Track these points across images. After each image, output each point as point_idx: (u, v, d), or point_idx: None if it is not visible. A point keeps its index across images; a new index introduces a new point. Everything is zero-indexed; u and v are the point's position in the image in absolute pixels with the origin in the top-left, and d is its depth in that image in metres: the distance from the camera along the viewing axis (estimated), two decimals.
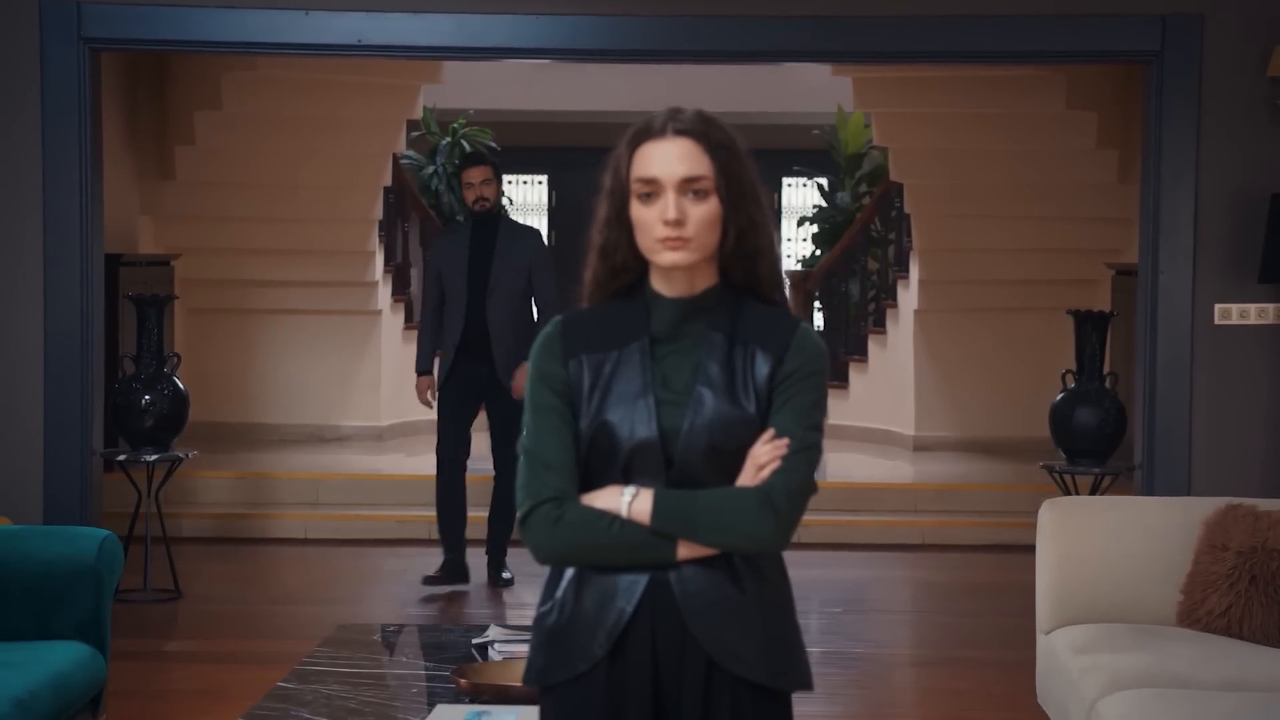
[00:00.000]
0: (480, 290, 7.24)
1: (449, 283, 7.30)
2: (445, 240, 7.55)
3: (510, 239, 7.28)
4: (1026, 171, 10.40)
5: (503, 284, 7.22)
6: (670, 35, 6.36)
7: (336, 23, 6.28)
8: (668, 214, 2.44)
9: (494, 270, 7.21)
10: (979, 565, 8.34)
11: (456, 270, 7.28)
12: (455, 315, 7.29)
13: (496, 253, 7.22)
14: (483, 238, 7.27)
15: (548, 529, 2.44)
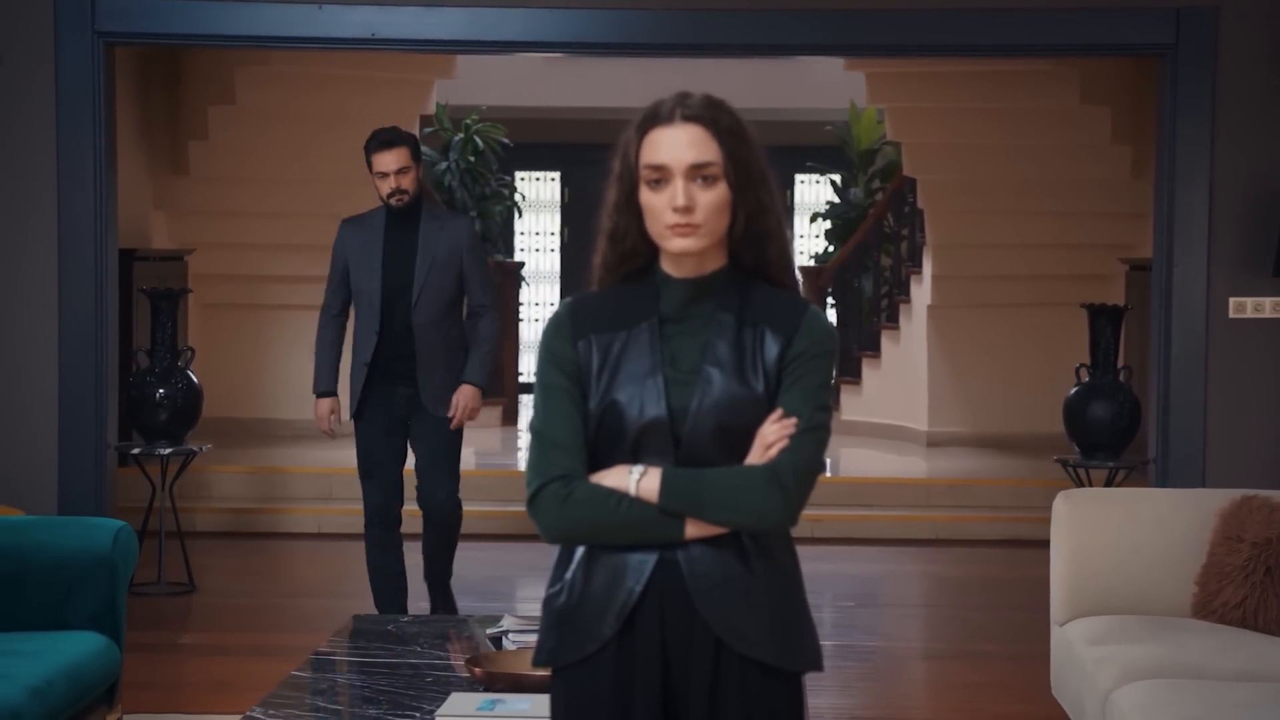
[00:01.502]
0: (399, 295, 5.92)
1: (358, 284, 5.98)
2: (351, 229, 6.07)
3: (435, 229, 5.97)
4: (1040, 167, 10.39)
5: (428, 286, 5.91)
6: (682, 29, 6.36)
7: (349, 16, 6.29)
8: (677, 201, 2.44)
9: (417, 269, 5.91)
10: (992, 560, 8.33)
11: (368, 269, 5.96)
12: (366, 326, 5.96)
13: (420, 247, 5.93)
14: (401, 228, 5.98)
15: (556, 507, 2.45)
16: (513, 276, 12.04)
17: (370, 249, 5.96)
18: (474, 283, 5.99)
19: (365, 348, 5.94)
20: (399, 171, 5.87)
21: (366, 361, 5.93)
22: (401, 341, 5.91)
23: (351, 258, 5.99)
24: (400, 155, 5.87)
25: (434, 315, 5.91)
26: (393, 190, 5.89)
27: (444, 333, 5.94)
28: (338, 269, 6.03)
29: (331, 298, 6.07)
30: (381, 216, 5.99)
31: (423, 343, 5.90)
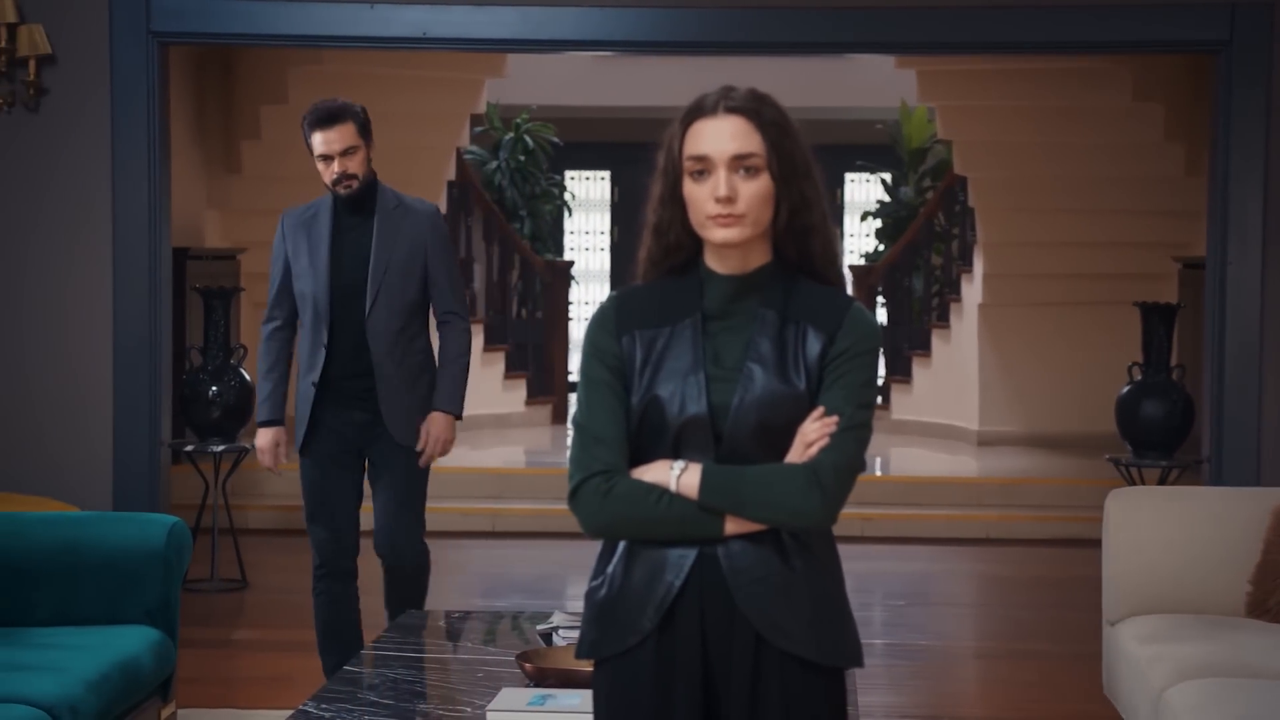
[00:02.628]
0: (350, 300, 4.97)
1: (302, 288, 5.02)
2: (293, 222, 5.10)
3: (392, 221, 5.01)
4: (1092, 165, 10.33)
5: (385, 290, 4.97)
6: (733, 27, 6.36)
7: (401, 15, 6.32)
8: (719, 191, 2.44)
9: (371, 269, 4.96)
10: (1043, 559, 8.29)
11: (312, 270, 4.99)
12: (312, 339, 5.01)
13: (375, 242, 4.98)
14: (351, 220, 5.03)
15: (597, 502, 2.46)
16: (562, 275, 12.06)
17: (315, 246, 5.00)
18: (440, 285, 5.05)
19: (311, 365, 4.99)
20: (345, 153, 4.90)
21: (314, 381, 4.97)
22: (354, 357, 4.96)
23: (294, 257, 5.03)
24: (345, 133, 4.90)
25: (392, 324, 4.96)
26: (338, 176, 4.91)
27: (405, 346, 5.00)
28: (278, 271, 5.08)
29: (273, 307, 5.11)
30: (328, 207, 5.03)
31: (380, 358, 4.95)
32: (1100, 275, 10.51)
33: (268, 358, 5.10)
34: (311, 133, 4.93)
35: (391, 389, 4.97)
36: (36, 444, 6.19)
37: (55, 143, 6.15)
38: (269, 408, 5.09)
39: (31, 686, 3.81)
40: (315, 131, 4.92)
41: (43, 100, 6.12)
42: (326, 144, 4.89)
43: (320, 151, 4.91)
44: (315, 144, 4.92)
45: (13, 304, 6.18)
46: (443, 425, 5.06)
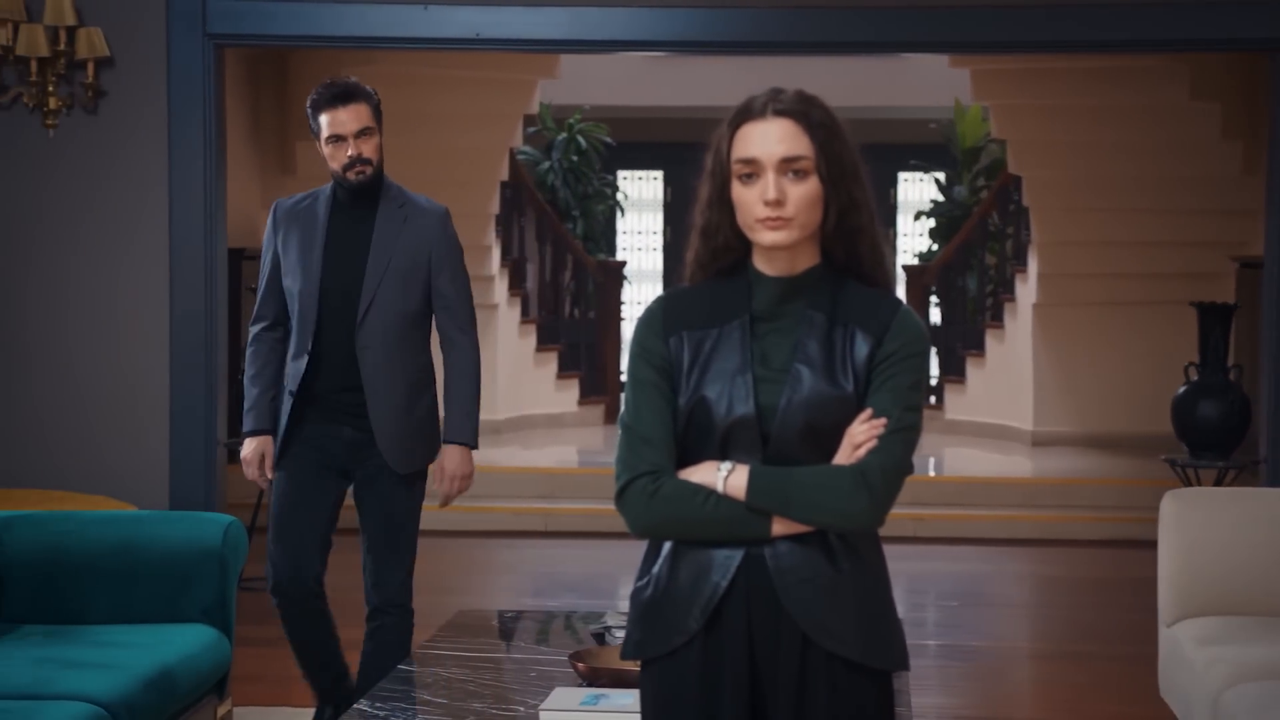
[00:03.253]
0: (341, 305, 4.49)
1: (290, 286, 4.57)
2: (287, 215, 4.64)
3: (395, 220, 4.56)
4: (1149, 164, 10.27)
5: (382, 296, 4.49)
6: (785, 26, 6.34)
7: (454, 17, 6.34)
8: (768, 194, 2.44)
9: (368, 271, 4.49)
10: (1098, 560, 8.25)
11: (303, 267, 4.53)
12: (295, 345, 4.56)
13: (375, 241, 4.52)
14: (350, 216, 4.55)
15: (644, 502, 2.46)
16: (615, 275, 12.08)
17: (307, 240, 4.53)
18: (447, 298, 4.55)
19: (291, 374, 4.53)
20: (360, 134, 4.50)
21: (293, 391, 4.50)
22: (341, 369, 4.49)
23: (284, 250, 4.56)
24: (359, 113, 4.51)
25: (388, 336, 4.47)
26: (352, 159, 4.47)
27: (402, 362, 4.51)
28: (267, 265, 4.62)
29: (261, 305, 4.64)
30: (326, 200, 4.58)
31: (372, 373, 4.46)
32: (1157, 275, 10.43)
33: (255, 361, 4.61)
34: (321, 112, 4.47)
35: (385, 408, 4.47)
36: (94, 444, 6.24)
37: (113, 144, 6.20)
38: (255, 416, 4.60)
39: (89, 684, 3.84)
40: (326, 110, 4.47)
41: (101, 102, 6.17)
42: (339, 124, 4.45)
43: (332, 132, 4.46)
44: (325, 125, 4.46)
45: (70, 305, 6.24)
46: (459, 460, 4.60)
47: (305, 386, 4.49)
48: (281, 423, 4.54)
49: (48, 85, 6.09)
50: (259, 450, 4.61)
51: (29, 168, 6.13)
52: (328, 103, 4.48)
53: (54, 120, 6.12)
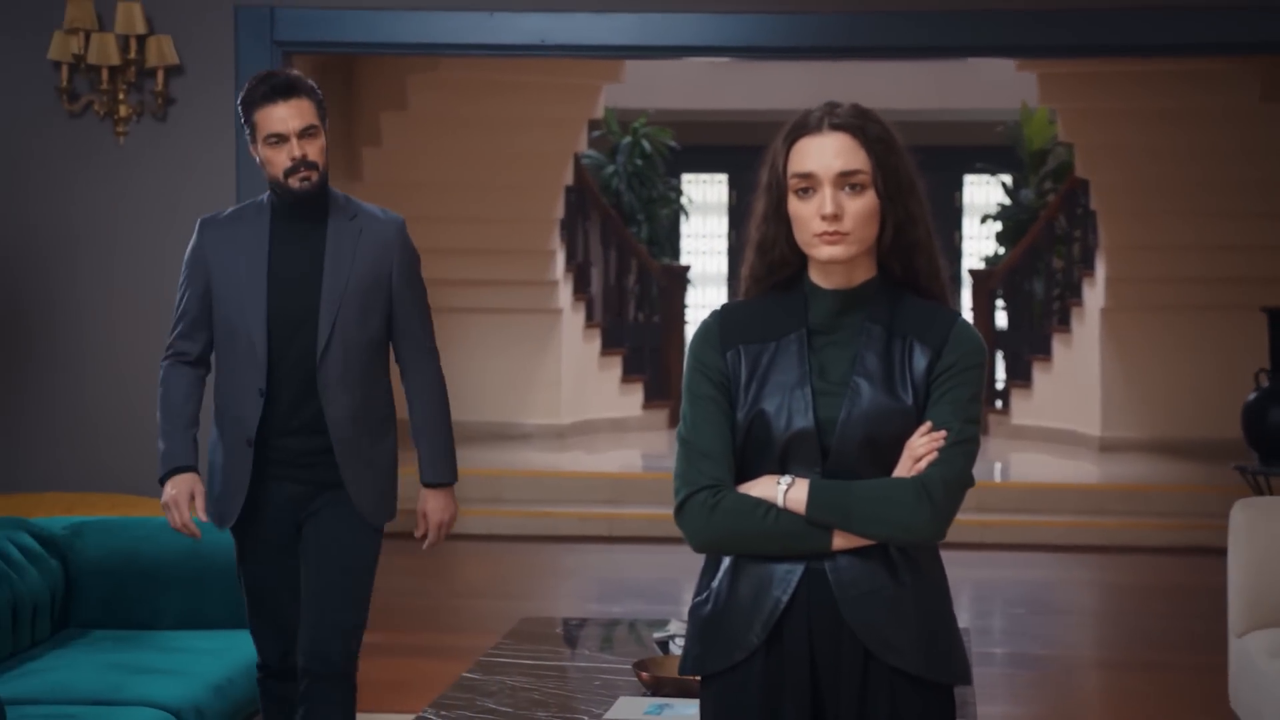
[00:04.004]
0: (296, 335, 3.86)
1: (231, 318, 3.90)
2: (217, 233, 3.94)
3: (350, 237, 3.91)
4: (1219, 167, 10.16)
5: (343, 321, 3.87)
6: (851, 31, 6.32)
7: (520, 23, 6.35)
8: (825, 208, 2.43)
9: (324, 294, 3.86)
10: (1167, 568, 8.17)
11: (247, 295, 3.87)
12: (245, 384, 3.87)
13: (328, 260, 3.88)
14: (295, 231, 3.90)
15: (704, 516, 2.46)
16: (679, 279, 12.07)
17: (248, 264, 3.87)
18: (407, 317, 3.98)
19: (246, 418, 3.85)
20: (304, 133, 3.83)
21: (250, 438, 3.84)
22: (300, 407, 3.85)
23: (219, 277, 3.89)
24: (303, 109, 3.84)
25: (351, 370, 3.87)
26: (295, 163, 3.81)
27: (367, 395, 3.92)
28: (196, 293, 3.93)
29: (183, 338, 3.97)
30: (264, 214, 3.91)
31: (337, 413, 3.85)
32: (1226, 279, 10.33)
33: (176, 394, 3.93)
34: (256, 109, 3.83)
35: (353, 453, 3.87)
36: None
37: (182, 151, 6.25)
38: (183, 450, 3.90)
39: (158, 690, 3.88)
40: (262, 106, 3.82)
41: (170, 110, 6.22)
42: (279, 121, 3.81)
43: (273, 130, 3.81)
44: (265, 121, 3.82)
45: (139, 311, 6.29)
46: (445, 503, 4.06)
47: (263, 436, 3.83)
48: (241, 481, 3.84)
49: (118, 93, 6.14)
50: (187, 489, 3.86)
51: (99, 175, 6.19)
52: (264, 97, 3.83)
53: (124, 128, 6.18)
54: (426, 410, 4.08)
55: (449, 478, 4.08)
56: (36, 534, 4.46)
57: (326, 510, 3.90)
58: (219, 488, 3.91)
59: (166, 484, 3.90)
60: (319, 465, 3.88)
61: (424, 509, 4.07)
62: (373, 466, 3.94)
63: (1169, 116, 10.12)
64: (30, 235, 6.20)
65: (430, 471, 4.07)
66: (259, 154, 3.86)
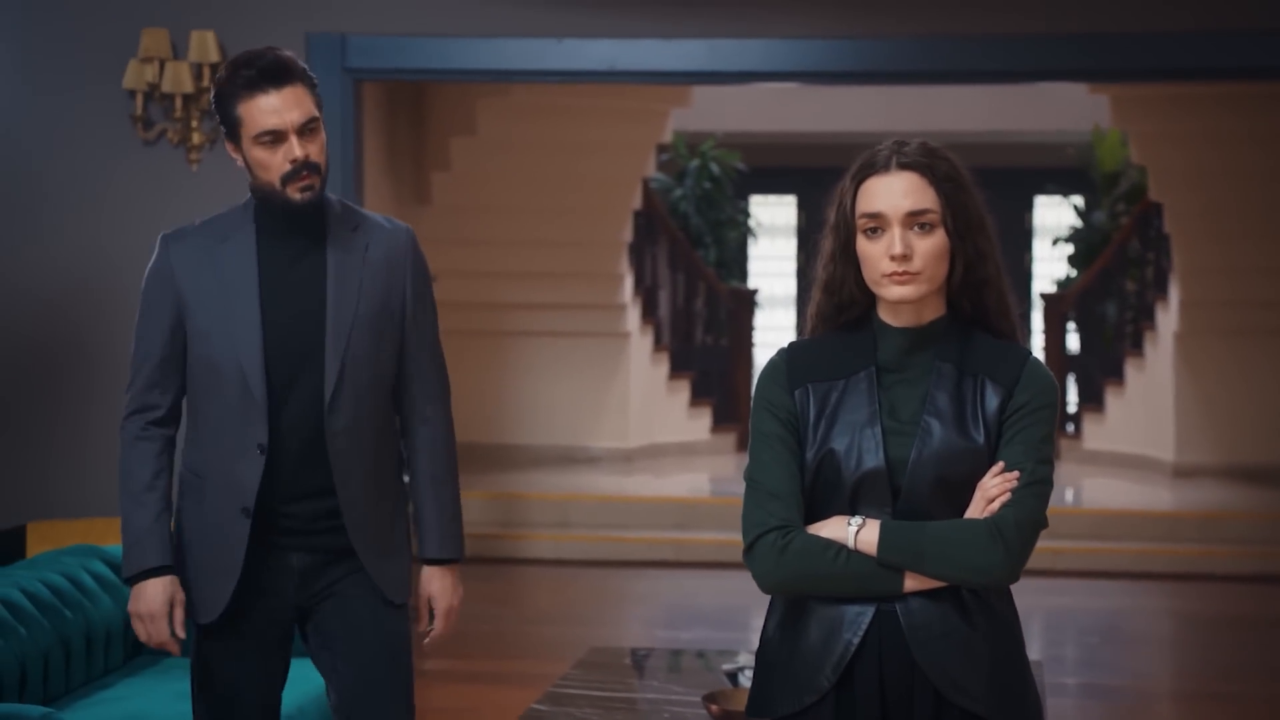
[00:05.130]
0: (298, 376, 3.16)
1: (213, 356, 3.16)
2: (188, 253, 3.20)
3: (355, 252, 3.20)
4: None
5: (354, 360, 3.17)
6: (922, 56, 6.29)
7: (589, 49, 6.36)
8: (894, 248, 2.42)
9: (333, 327, 3.16)
10: (1242, 596, 8.06)
11: (237, 327, 3.14)
12: (237, 438, 3.15)
13: (332, 285, 3.17)
14: (289, 252, 3.19)
15: (774, 558, 2.43)
16: (747, 303, 12.05)
17: (233, 287, 3.15)
18: (420, 351, 3.30)
19: (242, 481, 3.14)
20: (304, 129, 3.10)
21: (248, 507, 3.13)
22: (306, 466, 3.16)
23: (195, 306, 3.16)
24: (300, 98, 3.10)
25: (361, 415, 3.19)
26: (296, 166, 3.09)
27: (378, 449, 3.25)
28: (162, 327, 3.18)
29: (148, 389, 3.20)
30: (246, 227, 3.18)
31: (346, 469, 3.17)
32: None
33: (142, 471, 3.17)
34: (243, 98, 3.08)
35: (366, 516, 3.20)
36: None
37: None
38: (156, 546, 3.15)
39: None
40: (252, 95, 3.07)
41: None
42: (275, 114, 3.07)
43: (266, 127, 3.07)
44: (254, 115, 3.07)
45: None
46: (452, 585, 3.36)
47: (265, 503, 3.14)
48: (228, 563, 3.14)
49: (191, 121, 6.20)
50: (164, 598, 3.15)
51: (173, 202, 6.24)
52: (250, 85, 3.07)
53: (197, 155, 6.23)
54: (434, 468, 3.31)
55: (457, 553, 3.35)
56: (109, 561, 4.48)
57: (347, 586, 3.20)
58: (192, 572, 3.17)
59: (135, 589, 3.15)
60: (327, 532, 3.18)
61: (428, 592, 3.31)
62: (388, 533, 3.24)
63: (1244, 138, 10.01)
64: (104, 262, 6.26)
65: (435, 544, 3.32)
66: (245, 156, 3.12)
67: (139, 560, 3.16)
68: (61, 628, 4.07)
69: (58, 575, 4.20)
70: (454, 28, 6.33)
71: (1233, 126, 9.97)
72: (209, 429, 3.19)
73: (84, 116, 6.24)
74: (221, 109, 3.14)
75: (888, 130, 12.40)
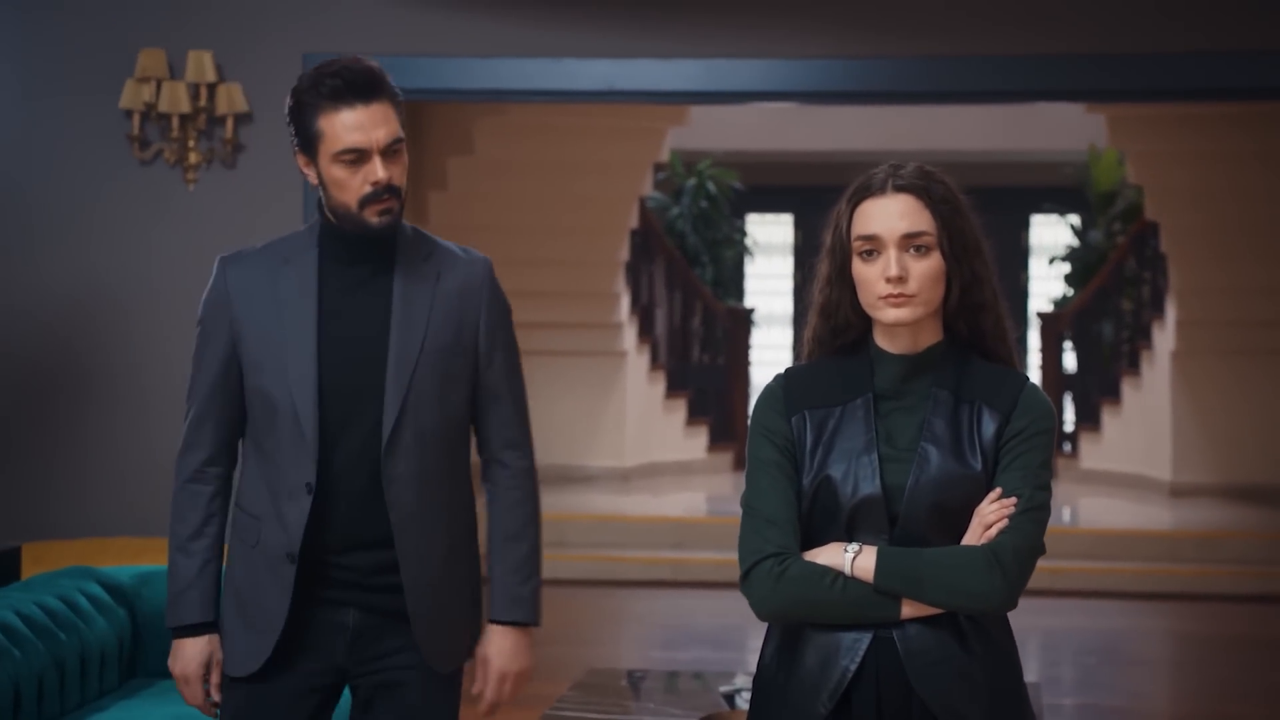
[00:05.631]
0: (355, 415, 2.89)
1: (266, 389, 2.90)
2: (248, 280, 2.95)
3: (426, 282, 2.95)
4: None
5: (419, 398, 2.89)
6: (920, 76, 6.29)
7: (587, 69, 6.36)
8: (890, 271, 2.41)
9: (395, 361, 2.89)
10: (1241, 616, 8.05)
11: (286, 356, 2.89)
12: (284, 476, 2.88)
13: (398, 317, 2.91)
14: (354, 279, 2.94)
15: (770, 585, 2.42)
16: (743, 322, 12.05)
17: (293, 317, 2.90)
18: (497, 390, 3.01)
19: (287, 523, 2.87)
20: (387, 150, 2.88)
21: (293, 552, 2.86)
22: (358, 514, 2.88)
23: (250, 334, 2.91)
24: (387, 115, 2.89)
25: (425, 459, 2.90)
26: (377, 189, 2.87)
27: (444, 498, 2.93)
28: (218, 355, 2.94)
29: (199, 424, 2.96)
30: (309, 251, 2.93)
31: (405, 519, 2.88)
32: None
33: (194, 512, 2.94)
34: (326, 110, 2.86)
35: (423, 573, 2.88)
36: None
37: (251, 198, 6.29)
38: (199, 601, 2.93)
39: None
40: (337, 108, 2.85)
41: (240, 157, 6.27)
42: (361, 131, 2.84)
43: (351, 145, 2.84)
44: (337, 131, 2.85)
45: None
46: (517, 650, 2.98)
47: (306, 545, 2.86)
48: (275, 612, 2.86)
49: (188, 141, 6.20)
50: (203, 658, 2.94)
51: (170, 222, 6.23)
52: (337, 96, 2.85)
53: (194, 175, 6.23)
54: (507, 523, 2.99)
55: (527, 616, 2.97)
56: (105, 583, 4.46)
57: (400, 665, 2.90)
58: (236, 620, 2.91)
59: (175, 645, 2.95)
60: (383, 590, 2.88)
61: (486, 653, 2.96)
62: (445, 595, 2.91)
63: (1240, 159, 10.03)
64: (101, 282, 6.25)
65: (502, 605, 2.97)
66: (319, 172, 2.88)
67: (179, 614, 2.95)
68: (56, 650, 4.05)
69: (53, 597, 4.18)
70: (451, 48, 6.33)
71: (1229, 146, 9.98)
72: (258, 466, 2.93)
73: (81, 136, 6.23)
74: (299, 119, 2.91)
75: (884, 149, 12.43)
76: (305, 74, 2.94)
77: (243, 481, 2.97)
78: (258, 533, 2.91)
